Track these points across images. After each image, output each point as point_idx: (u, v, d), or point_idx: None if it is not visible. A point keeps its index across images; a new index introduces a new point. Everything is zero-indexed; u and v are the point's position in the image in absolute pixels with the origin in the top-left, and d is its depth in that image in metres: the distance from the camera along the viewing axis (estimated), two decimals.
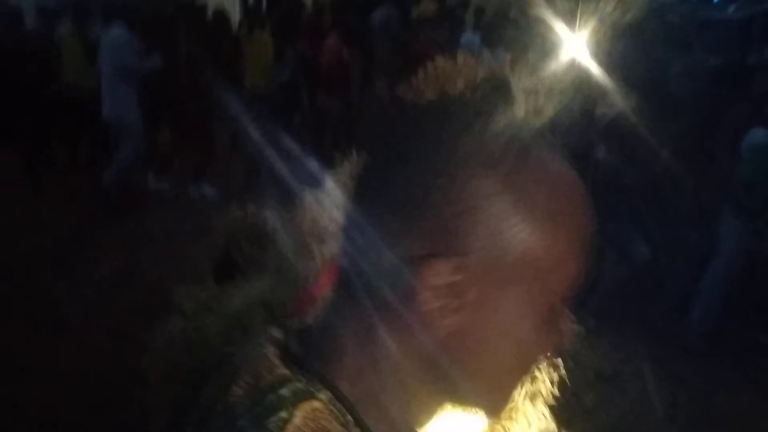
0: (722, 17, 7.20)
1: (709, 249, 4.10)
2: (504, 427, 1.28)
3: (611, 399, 3.54)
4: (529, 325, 0.65)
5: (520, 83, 0.98)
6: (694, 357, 3.91)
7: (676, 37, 5.85)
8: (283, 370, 0.67)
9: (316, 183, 1.58)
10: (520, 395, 1.31)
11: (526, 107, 2.44)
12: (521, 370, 0.69)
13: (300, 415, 0.63)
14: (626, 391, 3.59)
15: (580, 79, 4.84)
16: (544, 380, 1.31)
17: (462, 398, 0.70)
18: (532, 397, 1.35)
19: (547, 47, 5.03)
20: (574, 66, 4.76)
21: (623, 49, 4.81)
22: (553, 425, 1.32)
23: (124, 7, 6.63)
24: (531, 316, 0.65)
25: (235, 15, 10.24)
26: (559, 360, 1.37)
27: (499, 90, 1.05)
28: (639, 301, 4.27)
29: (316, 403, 0.64)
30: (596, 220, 2.48)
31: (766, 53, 7.05)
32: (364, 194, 0.70)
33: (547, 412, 1.32)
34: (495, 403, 0.72)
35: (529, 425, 1.30)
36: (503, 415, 1.25)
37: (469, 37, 6.47)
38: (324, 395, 0.65)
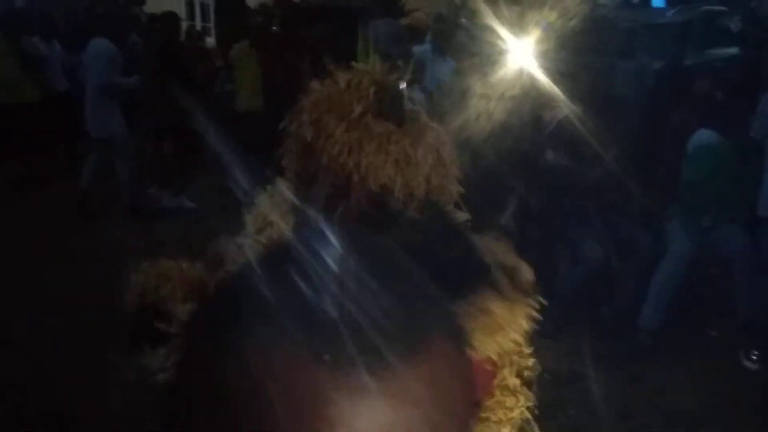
0: (662, 21, 7.40)
1: (657, 248, 4.18)
2: None
3: (569, 400, 3.59)
4: None
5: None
6: (645, 355, 3.98)
7: (619, 43, 5.97)
8: None
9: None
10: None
11: (478, 111, 2.45)
12: None
13: None
14: (583, 392, 3.64)
15: (528, 85, 4.93)
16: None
17: None
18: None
19: (495, 54, 5.12)
20: (522, 72, 4.86)
21: (568, 55, 4.91)
22: None
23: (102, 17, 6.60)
24: None
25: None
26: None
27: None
28: (593, 301, 4.33)
29: None
30: (549, 222, 2.54)
31: (704, 55, 7.30)
32: None
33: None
34: None
35: None
36: None
37: (423, 46, 6.47)
38: None
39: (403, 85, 1.48)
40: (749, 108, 4.58)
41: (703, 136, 4.39)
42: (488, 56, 5.54)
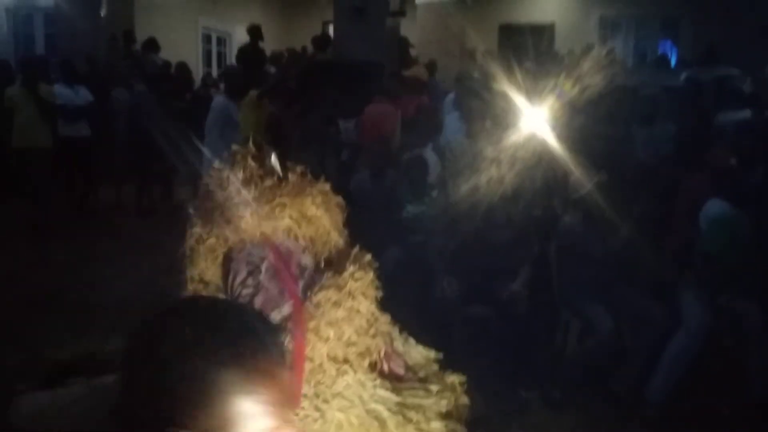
0: (676, 84, 7.43)
1: (671, 322, 4.12)
2: None
3: None
4: None
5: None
6: (652, 430, 3.89)
7: (639, 107, 6.01)
8: None
9: None
10: None
11: (488, 175, 2.59)
12: None
13: None
14: None
15: (542, 150, 4.94)
16: None
17: None
18: None
19: (508, 119, 5.15)
20: (534, 138, 4.87)
21: (586, 122, 4.93)
22: None
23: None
24: None
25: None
26: None
27: None
28: (603, 374, 4.25)
29: None
30: (561, 290, 2.63)
31: (718, 119, 7.30)
32: None
33: None
34: None
35: None
36: None
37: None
38: None
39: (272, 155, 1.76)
40: (764, 176, 4.54)
41: (715, 206, 4.36)
42: (503, 121, 5.58)
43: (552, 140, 5.17)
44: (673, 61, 10.65)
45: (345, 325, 1.57)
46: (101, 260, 6.15)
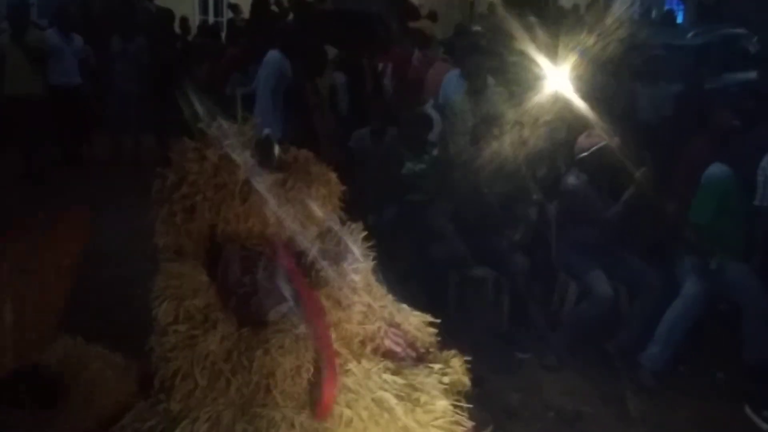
0: (682, 43, 7.29)
1: (668, 287, 4.10)
2: None
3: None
4: None
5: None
6: (648, 395, 3.90)
7: (643, 66, 5.90)
8: None
9: None
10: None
11: (511, 138, 2.54)
12: None
13: None
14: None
15: (547, 108, 4.87)
16: None
17: None
18: None
19: (530, 80, 5.06)
20: (539, 95, 4.79)
21: (602, 82, 4.84)
22: None
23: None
24: None
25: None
26: None
27: None
28: (599, 338, 4.26)
29: None
30: (560, 253, 2.60)
31: (723, 79, 7.20)
32: None
33: None
34: None
35: None
36: None
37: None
38: None
39: (266, 132, 1.65)
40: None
41: (716, 170, 4.29)
42: (505, 77, 5.48)
43: (558, 98, 5.10)
44: (679, 19, 10.47)
45: (346, 323, 1.54)
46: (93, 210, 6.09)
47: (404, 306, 1.83)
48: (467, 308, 4.45)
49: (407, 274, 4.28)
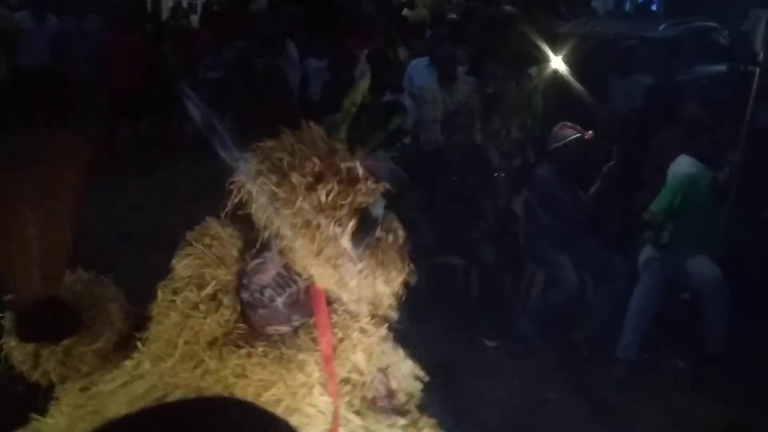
0: (654, 35, 7.34)
1: (633, 277, 4.16)
2: None
3: (536, 428, 3.58)
4: None
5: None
6: (618, 383, 3.96)
7: (616, 58, 5.96)
8: None
9: None
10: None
11: (482, 128, 2.48)
12: None
13: None
14: (553, 420, 3.62)
15: (535, 102, 4.90)
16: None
17: None
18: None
19: (504, 70, 5.08)
20: (529, 89, 4.83)
21: (576, 73, 4.88)
22: None
23: None
24: None
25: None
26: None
27: None
28: (565, 326, 4.31)
29: None
30: (527, 241, 2.54)
31: (693, 72, 7.27)
32: None
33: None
34: None
35: None
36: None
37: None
38: None
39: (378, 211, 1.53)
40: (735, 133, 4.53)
41: (682, 163, 4.36)
42: (477, 67, 5.50)
43: (532, 88, 5.14)
44: (652, 11, 10.54)
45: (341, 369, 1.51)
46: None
47: (401, 350, 1.76)
48: (436, 296, 4.47)
49: None
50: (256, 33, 6.41)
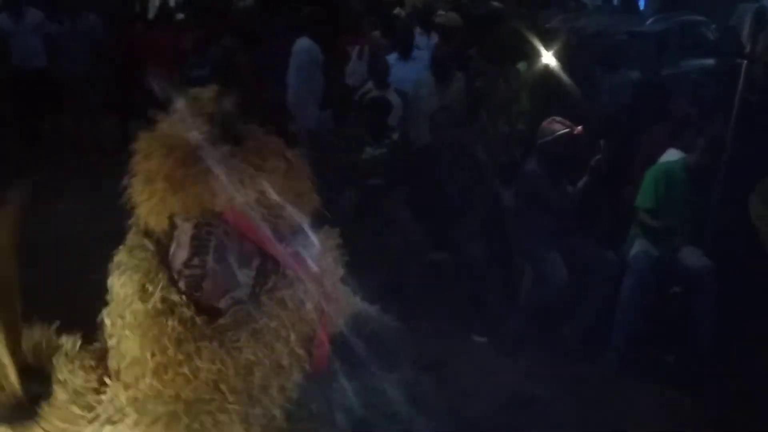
0: (642, 29, 7.36)
1: (622, 272, 4.17)
2: None
3: (526, 425, 3.58)
4: None
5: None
6: (608, 379, 3.97)
7: (603, 53, 5.96)
8: None
9: None
10: None
11: (451, 118, 2.43)
12: None
13: None
14: (542, 416, 3.62)
15: (524, 98, 4.89)
16: None
17: None
18: None
19: (494, 67, 5.07)
20: (518, 85, 4.82)
21: (565, 69, 4.88)
22: None
23: None
24: None
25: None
26: None
27: None
28: (556, 321, 4.31)
29: None
30: (516, 236, 2.47)
31: (681, 66, 7.28)
32: None
33: None
34: None
35: None
36: None
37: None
38: None
39: (228, 104, 1.48)
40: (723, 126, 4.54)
41: (671, 157, 4.39)
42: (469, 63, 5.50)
43: (521, 84, 5.13)
44: (641, 6, 10.55)
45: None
46: (49, 197, 5.98)
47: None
48: (425, 293, 4.47)
49: (365, 261, 4.27)
50: (242, 30, 6.36)
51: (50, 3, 7.77)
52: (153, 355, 1.40)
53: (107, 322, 1.46)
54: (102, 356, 1.51)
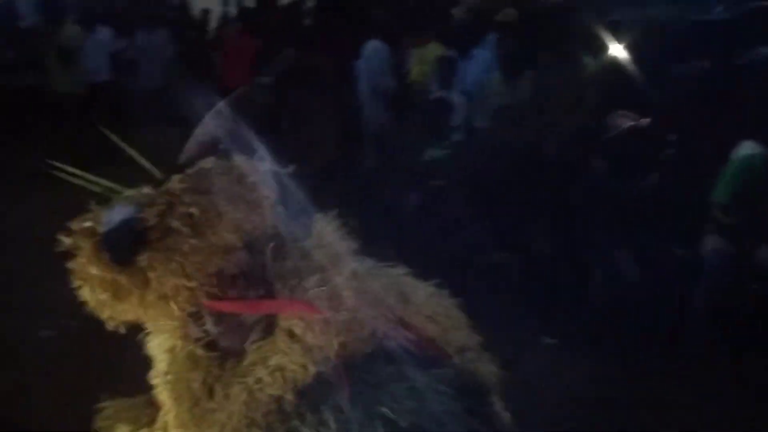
0: (710, 18, 7.12)
1: (695, 268, 4.04)
2: None
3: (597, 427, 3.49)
4: None
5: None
6: (683, 380, 3.84)
7: (669, 43, 5.79)
8: None
9: None
10: None
11: (516, 117, 2.39)
12: None
13: None
14: (615, 419, 3.53)
15: (590, 93, 4.79)
16: None
17: None
18: None
19: (560, 62, 4.99)
20: (584, 80, 4.72)
21: (630, 61, 4.77)
22: None
23: None
24: None
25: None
26: None
27: None
28: (628, 322, 4.20)
29: None
30: (586, 233, 2.37)
31: (754, 55, 7.00)
32: None
33: None
34: None
35: None
36: None
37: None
38: None
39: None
40: None
41: (746, 149, 4.22)
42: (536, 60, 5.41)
43: (586, 79, 5.02)
44: None
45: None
46: None
47: (421, 291, 1.70)
48: (492, 294, 4.42)
49: (430, 262, 4.26)
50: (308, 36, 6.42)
51: (118, 19, 8.04)
52: (188, 408, 1.45)
53: (155, 384, 1.53)
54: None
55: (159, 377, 1.54)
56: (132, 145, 1.78)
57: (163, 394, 1.52)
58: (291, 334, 1.43)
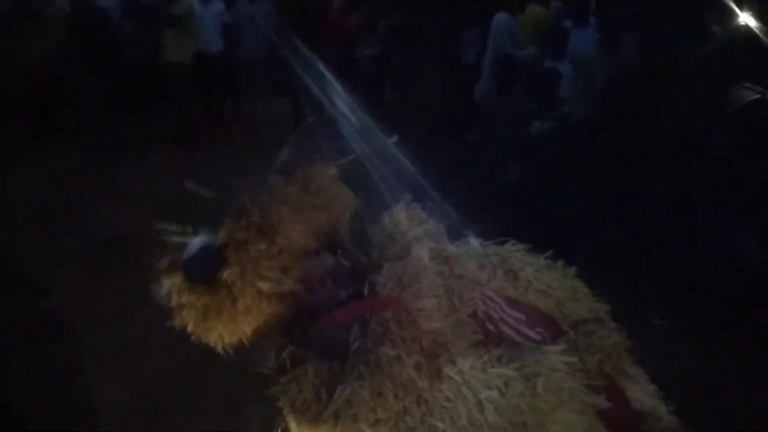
0: None
1: None
2: None
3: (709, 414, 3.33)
4: None
5: None
6: None
7: None
8: None
9: None
10: None
11: (629, 88, 2.27)
12: None
13: None
14: (730, 407, 3.36)
15: (693, 59, 4.52)
16: None
17: None
18: None
19: (670, 31, 4.72)
20: (685, 45, 4.44)
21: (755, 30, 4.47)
22: None
23: None
24: None
25: None
26: None
27: None
28: (743, 305, 3.98)
29: None
30: (702, 214, 2.24)
31: None
32: None
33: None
34: None
35: None
36: None
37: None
38: None
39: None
40: None
41: None
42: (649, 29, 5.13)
43: (710, 48, 4.71)
44: None
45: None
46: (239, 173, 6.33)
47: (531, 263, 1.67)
48: (601, 272, 4.28)
49: (533, 237, 4.17)
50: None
51: None
52: (298, 413, 1.51)
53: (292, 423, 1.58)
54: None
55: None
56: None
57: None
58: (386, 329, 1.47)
